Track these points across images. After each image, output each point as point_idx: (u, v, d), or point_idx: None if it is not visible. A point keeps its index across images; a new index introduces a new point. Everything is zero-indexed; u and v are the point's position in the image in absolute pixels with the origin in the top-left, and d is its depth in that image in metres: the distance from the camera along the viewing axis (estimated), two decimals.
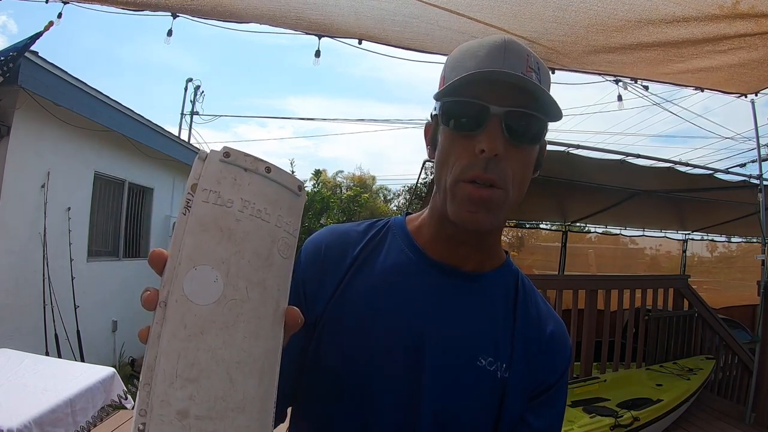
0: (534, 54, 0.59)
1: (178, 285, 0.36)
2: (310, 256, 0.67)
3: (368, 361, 0.61)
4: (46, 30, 2.72)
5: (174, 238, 0.38)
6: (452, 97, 0.58)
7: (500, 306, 0.65)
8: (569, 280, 4.54)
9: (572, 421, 2.82)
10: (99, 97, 4.41)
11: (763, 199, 3.69)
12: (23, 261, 3.89)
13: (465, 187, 0.57)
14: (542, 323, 0.66)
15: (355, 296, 0.63)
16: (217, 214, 0.38)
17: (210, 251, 0.37)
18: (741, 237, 7.77)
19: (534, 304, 0.68)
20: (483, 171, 0.56)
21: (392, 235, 0.69)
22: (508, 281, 0.68)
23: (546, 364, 0.65)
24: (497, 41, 0.58)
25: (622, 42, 2.08)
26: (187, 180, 0.40)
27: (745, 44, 2.01)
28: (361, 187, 10.08)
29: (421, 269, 0.65)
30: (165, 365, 0.35)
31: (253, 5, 2.02)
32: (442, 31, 2.10)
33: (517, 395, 0.62)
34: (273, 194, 0.41)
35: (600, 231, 7.92)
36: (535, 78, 0.56)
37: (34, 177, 3.99)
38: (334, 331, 0.62)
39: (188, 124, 10.72)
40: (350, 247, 0.67)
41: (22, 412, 1.83)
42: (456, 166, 0.58)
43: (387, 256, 0.66)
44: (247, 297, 0.38)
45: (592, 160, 3.73)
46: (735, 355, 4.58)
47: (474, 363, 0.61)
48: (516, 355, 0.62)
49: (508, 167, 0.57)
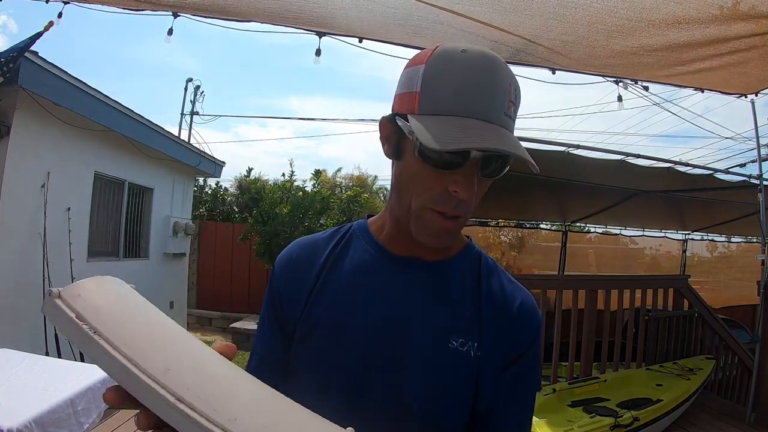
0: (514, 78, 0.59)
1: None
2: (283, 269, 0.72)
3: (346, 357, 0.64)
4: (46, 30, 2.73)
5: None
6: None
7: (465, 288, 0.68)
8: (569, 280, 4.53)
9: (572, 421, 2.82)
10: (99, 97, 4.41)
11: (763, 199, 3.68)
12: (23, 261, 3.89)
13: (432, 216, 0.59)
14: (508, 298, 0.68)
15: (328, 299, 0.67)
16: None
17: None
18: (741, 237, 7.77)
19: (498, 281, 0.70)
20: (453, 208, 0.58)
21: (356, 238, 0.72)
22: (471, 263, 0.70)
23: (515, 334, 0.67)
24: (485, 71, 0.56)
25: (622, 44, 2.08)
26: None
27: (745, 45, 2.01)
28: (361, 187, 10.06)
29: (385, 265, 0.68)
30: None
31: (254, 2, 2.02)
32: (444, 27, 2.10)
33: (490, 371, 0.64)
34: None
35: (600, 231, 7.92)
36: (513, 111, 0.58)
37: (34, 177, 3.99)
38: (311, 334, 0.67)
39: (188, 124, 10.72)
40: (318, 255, 0.71)
41: (22, 413, 1.82)
42: (425, 195, 0.59)
43: (353, 258, 0.70)
44: None
45: (592, 160, 3.73)
46: (735, 355, 4.58)
47: (446, 346, 0.63)
48: (485, 332, 0.65)
49: (473, 199, 0.59)
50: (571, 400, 3.21)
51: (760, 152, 4.06)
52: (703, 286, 7.23)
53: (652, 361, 4.12)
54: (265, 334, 0.73)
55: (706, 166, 4.34)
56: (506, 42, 2.18)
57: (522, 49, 2.25)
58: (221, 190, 10.68)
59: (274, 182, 9.99)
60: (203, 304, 8.48)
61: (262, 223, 6.94)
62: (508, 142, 0.55)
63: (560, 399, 3.18)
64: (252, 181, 10.43)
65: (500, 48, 2.24)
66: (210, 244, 8.71)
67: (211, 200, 10.32)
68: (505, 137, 0.55)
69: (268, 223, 6.86)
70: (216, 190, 10.55)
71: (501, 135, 0.55)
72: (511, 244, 7.08)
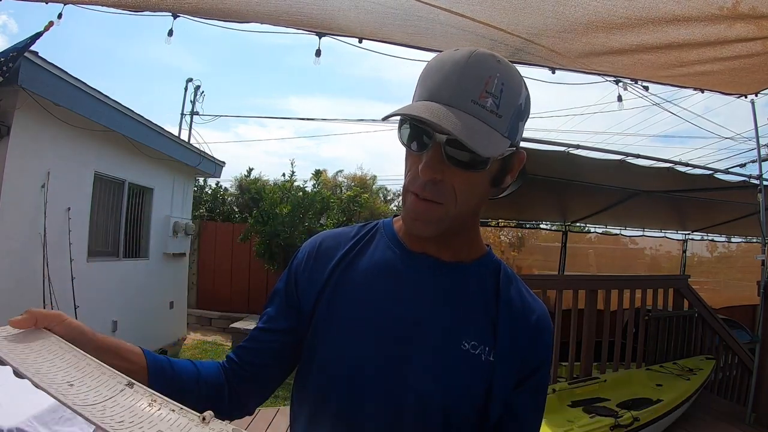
0: (504, 74, 0.58)
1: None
2: (305, 255, 0.75)
3: (357, 348, 0.65)
4: (46, 30, 2.72)
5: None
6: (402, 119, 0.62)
7: (482, 293, 0.68)
8: (569, 280, 4.53)
9: (572, 421, 2.82)
10: (99, 97, 4.41)
11: (763, 199, 3.68)
12: (23, 261, 3.89)
13: (409, 197, 0.63)
14: (526, 309, 0.69)
15: (344, 289, 0.69)
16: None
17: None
18: (741, 237, 7.77)
19: (516, 291, 0.70)
20: (422, 189, 0.60)
21: (380, 234, 0.74)
22: (490, 270, 0.71)
23: (530, 347, 0.67)
24: (459, 62, 0.58)
25: (622, 42, 2.08)
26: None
27: (747, 51, 2.01)
28: (362, 187, 10.06)
29: (404, 262, 0.69)
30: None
31: (254, 3, 2.02)
32: (444, 27, 2.10)
33: (503, 378, 0.64)
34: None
35: (600, 231, 7.92)
36: (491, 104, 0.57)
37: (34, 177, 3.99)
38: (325, 322, 0.68)
39: (188, 124, 10.73)
40: (341, 245, 0.73)
41: (22, 412, 1.82)
42: (408, 175, 0.63)
43: (374, 252, 0.71)
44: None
45: (592, 160, 3.73)
46: (735, 355, 4.58)
47: (458, 347, 0.64)
48: (500, 339, 0.65)
49: (449, 186, 0.60)
50: (571, 400, 3.21)
51: (760, 152, 4.06)
52: (703, 286, 7.23)
53: (652, 361, 4.12)
54: (270, 315, 0.74)
55: (706, 166, 4.34)
56: (505, 41, 2.18)
57: (521, 48, 2.25)
58: (221, 190, 10.69)
59: (274, 182, 9.99)
60: (203, 304, 8.48)
61: (262, 223, 6.94)
62: (444, 117, 0.54)
63: (560, 399, 3.18)
64: (252, 181, 10.43)
65: (499, 47, 2.24)
66: (210, 244, 8.71)
67: (211, 200, 10.33)
68: (446, 115, 0.55)
69: (268, 223, 6.86)
70: (216, 190, 10.56)
71: (440, 112, 0.55)
72: (511, 244, 7.08)
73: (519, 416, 0.67)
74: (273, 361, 0.72)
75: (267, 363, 0.72)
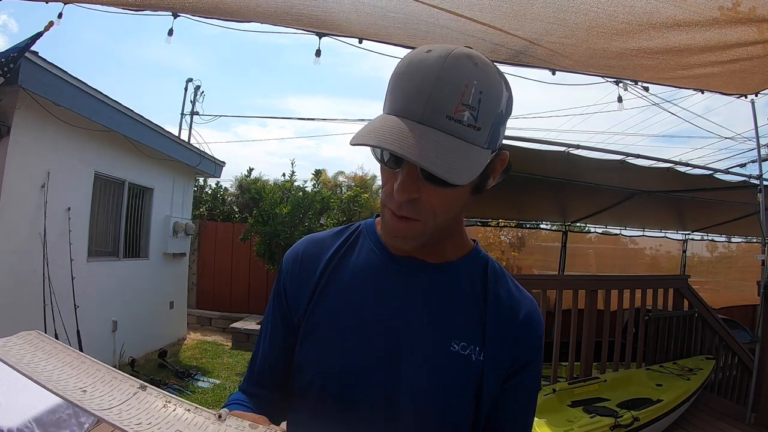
0: (482, 80, 0.53)
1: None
2: (289, 265, 0.73)
3: (347, 355, 0.64)
4: (46, 30, 2.72)
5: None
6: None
7: (469, 291, 0.67)
8: (569, 280, 4.54)
9: (572, 421, 2.82)
10: (99, 97, 4.40)
11: (763, 199, 3.68)
12: (23, 261, 3.89)
13: (387, 213, 0.61)
14: (515, 304, 0.68)
15: (331, 296, 0.68)
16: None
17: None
18: (741, 237, 7.77)
19: (505, 287, 0.69)
20: (398, 208, 0.58)
21: (363, 237, 0.72)
22: (477, 267, 0.70)
23: (520, 343, 0.67)
24: (432, 69, 0.52)
25: (623, 46, 2.08)
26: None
27: (747, 54, 2.01)
28: (362, 188, 10.05)
29: (389, 265, 0.68)
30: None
31: (255, 3, 2.02)
32: (443, 30, 2.10)
33: (493, 377, 0.64)
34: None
35: (600, 231, 7.91)
36: (468, 117, 0.52)
37: (34, 177, 3.99)
38: (315, 331, 0.67)
39: (188, 124, 10.73)
40: (324, 252, 0.72)
41: (22, 412, 1.82)
42: (384, 190, 0.61)
43: (359, 256, 0.70)
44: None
45: (592, 160, 3.73)
46: (735, 355, 4.58)
47: (447, 348, 0.63)
48: (489, 337, 0.64)
49: (426, 203, 0.57)
50: (571, 400, 3.21)
51: (760, 152, 4.07)
52: (703, 286, 7.23)
53: (652, 361, 4.13)
54: (270, 333, 0.74)
55: (706, 166, 4.34)
56: (506, 44, 2.18)
57: (522, 50, 2.26)
58: (221, 190, 10.68)
59: (274, 182, 9.99)
60: (203, 304, 8.48)
61: (263, 223, 6.94)
62: (416, 144, 0.50)
63: (560, 399, 3.18)
64: (252, 181, 10.42)
65: (500, 50, 2.24)
66: (210, 244, 8.71)
67: (211, 200, 10.32)
68: (418, 140, 0.50)
69: (268, 223, 6.86)
70: (216, 190, 10.56)
71: (410, 139, 0.50)
72: (511, 244, 7.08)
73: (511, 412, 0.67)
74: (287, 373, 0.72)
75: (285, 379, 0.72)
